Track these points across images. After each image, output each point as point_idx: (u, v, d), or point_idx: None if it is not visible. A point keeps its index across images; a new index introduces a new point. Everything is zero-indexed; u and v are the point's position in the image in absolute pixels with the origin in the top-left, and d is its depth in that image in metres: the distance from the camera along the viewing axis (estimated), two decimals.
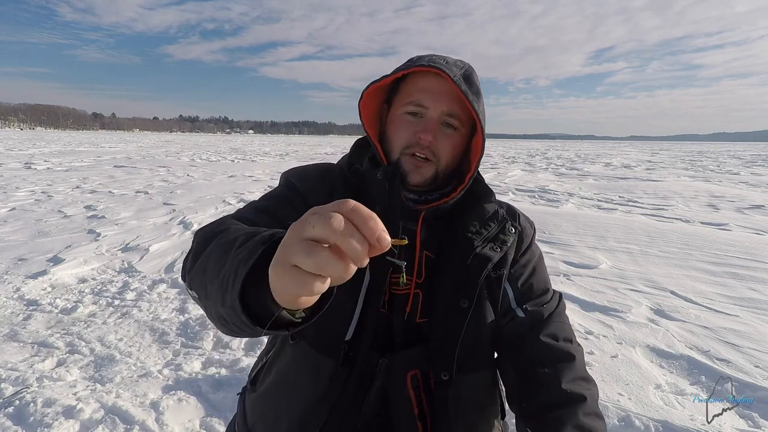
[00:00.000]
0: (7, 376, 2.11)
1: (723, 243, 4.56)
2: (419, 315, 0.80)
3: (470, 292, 0.78)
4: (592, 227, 5.26)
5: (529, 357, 0.80)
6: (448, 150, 0.79)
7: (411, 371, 0.78)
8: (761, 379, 2.18)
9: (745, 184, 11.07)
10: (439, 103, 0.77)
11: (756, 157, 26.72)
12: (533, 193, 9.13)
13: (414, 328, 0.80)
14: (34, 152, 18.84)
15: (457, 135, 0.80)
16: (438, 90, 0.77)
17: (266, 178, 10.90)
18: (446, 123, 0.78)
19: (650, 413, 1.90)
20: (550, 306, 0.86)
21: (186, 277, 0.63)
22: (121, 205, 6.67)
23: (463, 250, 0.80)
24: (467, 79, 0.77)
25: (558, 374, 0.76)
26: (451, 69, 0.75)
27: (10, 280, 3.39)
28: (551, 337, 0.81)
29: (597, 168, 16.39)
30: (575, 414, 0.72)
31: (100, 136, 71.90)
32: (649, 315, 2.95)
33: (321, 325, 0.72)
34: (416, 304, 0.79)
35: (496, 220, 0.84)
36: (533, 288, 0.86)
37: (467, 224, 0.82)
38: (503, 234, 0.83)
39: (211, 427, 1.84)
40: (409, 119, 0.79)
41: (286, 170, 0.89)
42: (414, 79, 0.80)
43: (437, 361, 0.78)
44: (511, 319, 0.84)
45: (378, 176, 0.79)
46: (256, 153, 24.48)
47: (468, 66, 0.80)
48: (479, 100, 0.77)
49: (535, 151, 36.22)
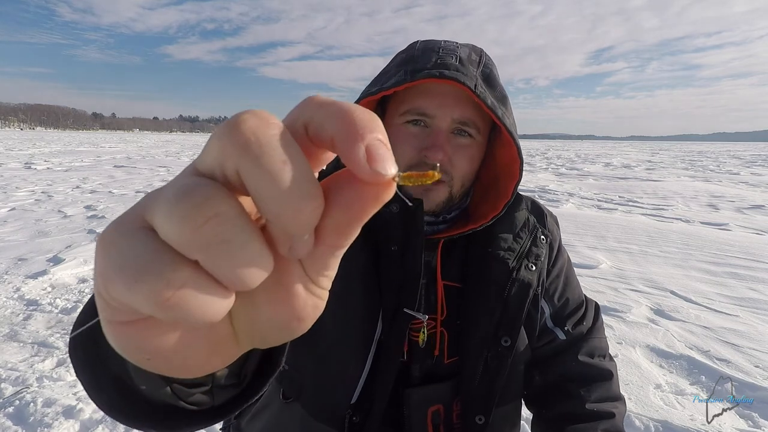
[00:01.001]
0: (7, 376, 2.11)
1: (723, 243, 4.56)
2: (447, 356, 0.68)
3: (513, 329, 0.67)
4: (592, 227, 5.26)
5: (563, 373, 0.75)
6: (464, 165, 0.63)
7: (433, 407, 0.67)
8: (761, 379, 2.18)
9: (745, 184, 11.07)
10: (448, 109, 0.60)
11: (756, 157, 26.72)
12: (533, 193, 9.12)
13: (441, 369, 0.69)
14: (34, 152, 18.84)
15: (474, 145, 0.64)
16: (446, 93, 0.60)
17: None
18: (459, 132, 0.62)
19: (650, 413, 1.90)
20: (588, 322, 0.79)
21: None
22: (121, 205, 6.67)
23: (498, 274, 0.66)
24: (488, 80, 0.60)
25: (590, 393, 0.71)
26: (468, 72, 0.58)
27: (10, 280, 3.39)
28: (588, 355, 0.75)
29: (597, 168, 16.39)
30: (595, 429, 0.67)
31: (100, 136, 71.92)
32: (649, 315, 2.95)
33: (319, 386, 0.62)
34: (442, 345, 0.68)
35: (527, 228, 0.70)
36: (569, 302, 0.78)
37: (496, 239, 0.67)
38: (535, 246, 0.70)
39: (211, 427, 1.84)
40: (412, 131, 0.62)
41: None
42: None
43: (471, 404, 0.67)
44: (550, 342, 0.76)
45: (394, 209, 0.62)
46: None
47: (486, 59, 0.64)
48: (506, 106, 0.61)
49: (535, 151, 36.22)
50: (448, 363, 0.68)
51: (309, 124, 0.17)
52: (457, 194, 0.66)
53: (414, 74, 0.58)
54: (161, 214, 0.15)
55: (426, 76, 0.57)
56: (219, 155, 0.16)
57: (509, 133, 0.60)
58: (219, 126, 0.16)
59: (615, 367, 0.78)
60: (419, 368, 0.67)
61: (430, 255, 0.67)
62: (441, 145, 0.60)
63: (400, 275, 0.62)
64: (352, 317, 0.61)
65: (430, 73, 0.57)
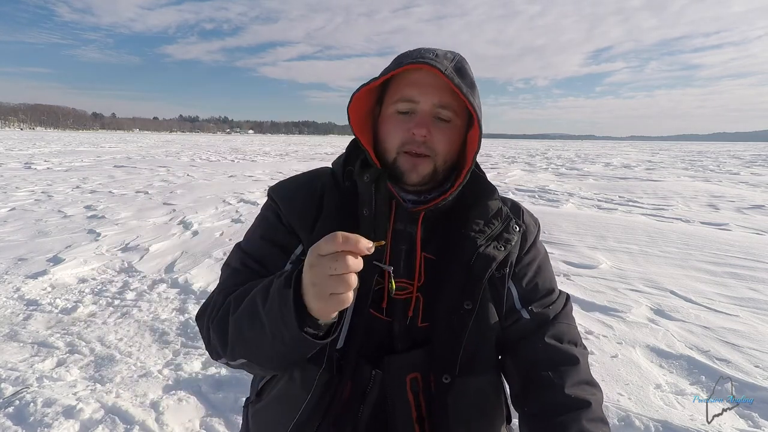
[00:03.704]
0: (7, 376, 2.11)
1: (723, 243, 4.55)
2: (421, 319, 0.78)
3: (474, 294, 0.76)
4: (592, 227, 5.26)
5: (532, 359, 0.78)
6: (445, 143, 0.76)
7: (411, 374, 0.77)
8: (761, 379, 2.18)
9: (745, 184, 11.07)
10: (430, 96, 0.74)
11: (756, 157, 26.72)
12: (533, 193, 9.13)
13: (416, 333, 0.78)
14: (34, 152, 18.84)
15: (453, 127, 0.77)
16: (428, 83, 0.74)
17: (266, 178, 10.90)
18: (439, 117, 0.76)
19: (650, 413, 1.90)
20: (556, 307, 0.84)
21: (222, 357, 0.71)
22: (121, 205, 6.67)
23: (466, 249, 0.77)
24: (459, 71, 0.74)
25: (562, 378, 0.75)
26: (441, 62, 0.72)
27: (10, 280, 3.39)
28: (556, 339, 0.79)
29: (597, 168, 16.39)
30: (579, 420, 0.70)
31: (100, 136, 71.92)
32: (649, 315, 2.95)
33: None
34: (417, 308, 0.78)
35: (500, 217, 0.82)
36: (538, 288, 0.84)
37: (470, 222, 0.79)
38: (507, 232, 0.81)
39: (211, 427, 1.84)
40: (401, 117, 0.76)
41: (273, 186, 0.87)
42: (403, 75, 0.76)
43: (439, 364, 0.76)
44: (516, 321, 0.82)
45: (365, 179, 0.76)
46: (256, 153, 24.48)
47: (459, 57, 0.77)
48: (474, 92, 0.74)
49: (535, 151, 36.22)
50: (421, 326, 0.78)
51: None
52: (440, 169, 0.78)
53: (398, 65, 0.73)
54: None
55: (407, 63, 0.72)
56: (345, 269, 0.51)
57: (475, 111, 0.73)
58: (325, 243, 0.52)
59: (585, 356, 0.80)
60: (398, 327, 0.78)
61: (411, 227, 0.79)
62: (425, 123, 0.74)
63: (372, 236, 0.73)
64: None
65: (410, 62, 0.72)
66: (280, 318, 0.59)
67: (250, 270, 0.78)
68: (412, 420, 0.76)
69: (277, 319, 0.59)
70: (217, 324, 0.70)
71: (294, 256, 0.78)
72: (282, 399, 0.79)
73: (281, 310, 0.58)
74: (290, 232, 0.80)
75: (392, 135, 0.76)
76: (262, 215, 0.86)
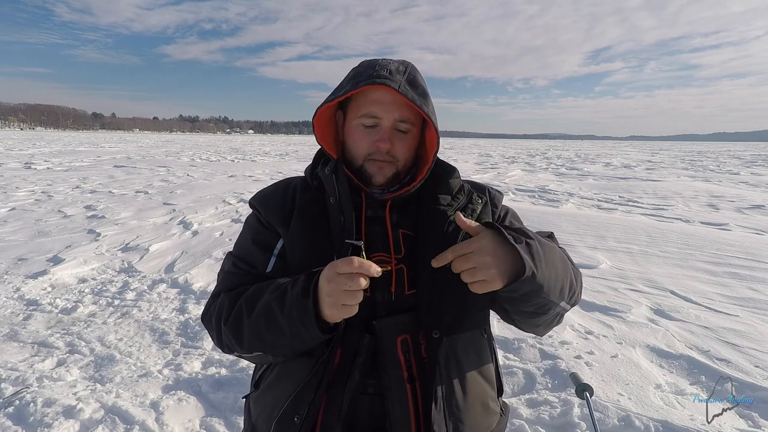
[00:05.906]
0: (7, 376, 2.12)
1: (723, 243, 4.56)
2: (407, 287, 0.85)
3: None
4: (592, 227, 5.26)
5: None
6: (405, 151, 0.88)
7: (401, 336, 0.83)
8: (761, 379, 2.18)
9: (745, 184, 11.07)
10: (390, 112, 0.85)
11: (756, 157, 26.73)
12: (533, 193, 9.13)
13: (403, 301, 0.85)
14: (34, 152, 18.85)
15: (410, 136, 0.89)
16: (388, 100, 0.84)
17: (266, 178, 10.91)
18: (399, 129, 0.87)
19: (650, 413, 1.90)
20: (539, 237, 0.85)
21: (236, 351, 0.82)
22: (121, 205, 6.68)
23: (438, 220, 0.87)
24: (412, 83, 0.84)
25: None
26: (395, 79, 0.82)
27: (10, 280, 3.39)
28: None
29: (597, 168, 16.39)
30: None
31: (100, 136, 71.95)
32: (649, 315, 2.95)
33: None
34: (401, 278, 0.85)
35: (463, 192, 0.93)
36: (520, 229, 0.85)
37: (437, 199, 0.90)
38: (471, 203, 0.92)
39: (211, 427, 1.84)
40: (367, 131, 0.87)
41: (252, 197, 0.98)
42: (364, 91, 0.86)
43: (427, 321, 0.83)
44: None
45: (326, 172, 0.88)
46: (256, 153, 24.49)
47: (410, 68, 0.87)
48: (427, 101, 0.85)
49: (534, 151, 36.23)
50: (409, 294, 0.85)
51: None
52: (402, 170, 0.90)
53: (356, 84, 0.83)
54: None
55: (364, 84, 0.82)
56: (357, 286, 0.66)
57: (429, 118, 0.84)
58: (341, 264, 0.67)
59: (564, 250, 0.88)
60: (382, 295, 0.84)
61: (381, 212, 0.89)
62: (387, 138, 0.85)
63: (340, 218, 0.85)
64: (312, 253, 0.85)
65: (366, 82, 0.82)
66: (299, 323, 0.72)
67: (242, 271, 0.88)
68: (403, 380, 0.81)
69: (296, 324, 0.72)
70: (232, 325, 0.80)
71: (276, 250, 0.89)
72: (282, 376, 0.87)
73: (301, 317, 0.71)
74: (270, 229, 0.90)
75: (359, 145, 0.88)
76: (247, 223, 0.98)
